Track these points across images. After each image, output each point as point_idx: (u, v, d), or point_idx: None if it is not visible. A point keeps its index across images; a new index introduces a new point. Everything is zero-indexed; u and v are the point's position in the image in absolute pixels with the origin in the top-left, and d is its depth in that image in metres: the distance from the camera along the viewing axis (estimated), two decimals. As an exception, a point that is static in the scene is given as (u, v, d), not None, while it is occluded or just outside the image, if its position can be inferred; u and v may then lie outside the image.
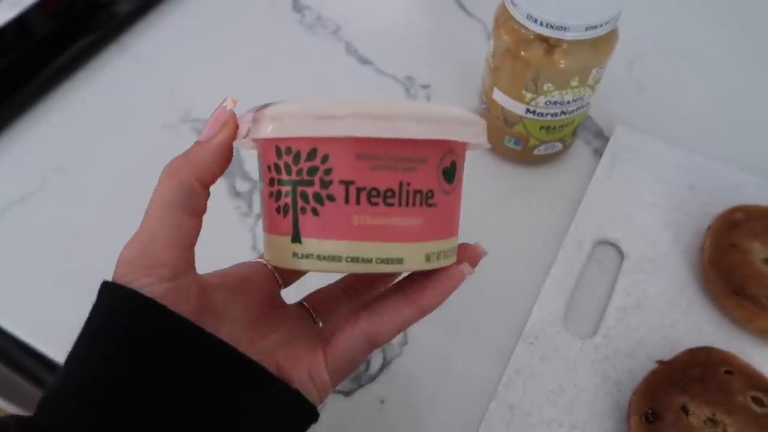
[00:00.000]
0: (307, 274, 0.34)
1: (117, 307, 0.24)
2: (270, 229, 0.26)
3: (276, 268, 0.32)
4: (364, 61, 0.58)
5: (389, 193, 0.24)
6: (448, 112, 0.24)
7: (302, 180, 0.24)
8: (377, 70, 0.58)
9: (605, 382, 0.40)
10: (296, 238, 0.25)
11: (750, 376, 0.38)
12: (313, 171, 0.24)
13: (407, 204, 0.24)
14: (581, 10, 0.40)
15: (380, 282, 0.33)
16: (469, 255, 0.29)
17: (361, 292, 0.33)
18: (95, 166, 0.50)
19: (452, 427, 0.38)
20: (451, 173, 0.25)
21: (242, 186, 0.49)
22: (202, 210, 0.26)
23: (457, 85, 0.56)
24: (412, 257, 0.25)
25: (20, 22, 0.56)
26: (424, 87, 0.56)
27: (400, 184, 0.24)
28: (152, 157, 0.51)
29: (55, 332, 0.42)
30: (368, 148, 0.23)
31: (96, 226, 0.47)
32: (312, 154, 0.23)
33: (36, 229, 0.47)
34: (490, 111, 0.48)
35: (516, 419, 0.38)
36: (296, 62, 0.58)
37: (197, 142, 0.26)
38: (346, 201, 0.23)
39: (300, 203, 0.24)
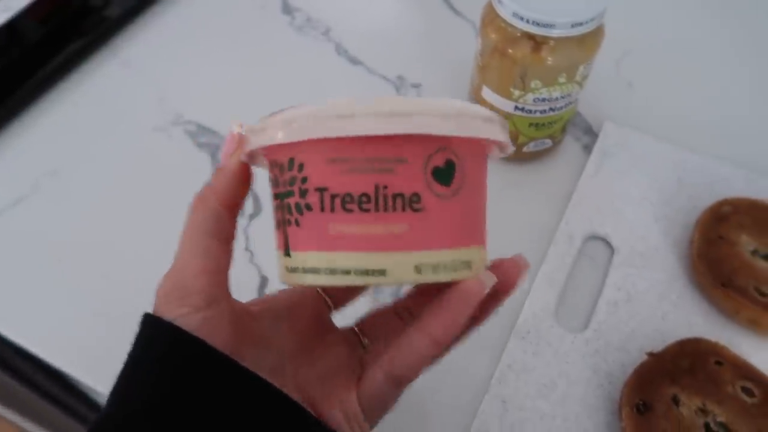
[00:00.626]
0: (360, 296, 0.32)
1: (153, 340, 0.24)
2: (276, 245, 0.25)
3: (324, 290, 0.31)
4: (355, 61, 0.59)
5: (364, 198, 0.22)
6: (432, 104, 0.22)
7: (286, 191, 0.23)
8: (368, 70, 0.58)
9: (597, 375, 0.40)
10: (287, 252, 0.24)
11: (739, 367, 0.38)
12: (293, 181, 0.23)
13: (385, 209, 0.22)
14: (567, 7, 0.40)
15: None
16: (505, 271, 0.26)
17: (416, 313, 0.30)
18: (87, 169, 0.50)
19: (446, 422, 0.39)
20: (445, 174, 0.22)
21: (234, 187, 0.49)
22: (231, 236, 0.26)
23: (447, 84, 0.57)
24: (396, 269, 0.22)
25: (10, 27, 0.56)
26: (415, 86, 0.57)
27: (376, 188, 0.22)
28: (144, 159, 0.51)
29: (48, 335, 0.42)
30: (338, 151, 0.22)
31: (89, 229, 0.47)
32: (291, 164, 0.23)
33: (29, 233, 0.47)
34: (479, 109, 0.49)
35: (509, 413, 0.39)
36: (287, 64, 0.58)
37: (216, 170, 0.26)
38: (322, 209, 0.22)
39: (286, 216, 0.23)
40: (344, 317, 0.32)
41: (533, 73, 0.43)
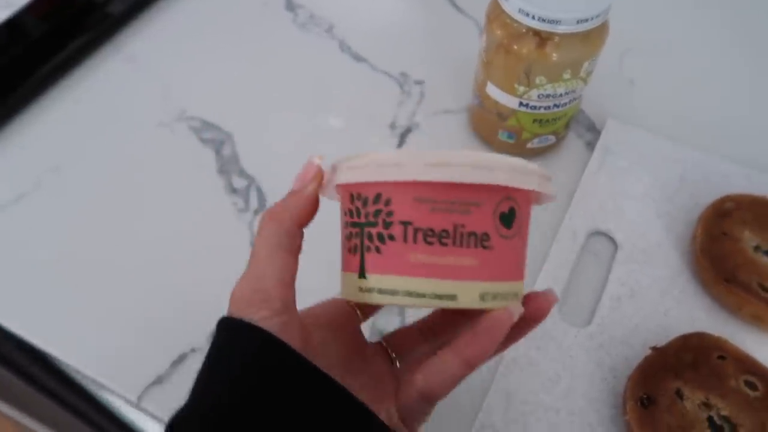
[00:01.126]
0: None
1: (237, 340, 0.26)
2: (345, 267, 0.29)
3: (357, 304, 0.33)
4: (359, 58, 0.59)
5: (444, 234, 0.25)
6: (503, 161, 0.25)
7: (368, 222, 0.27)
8: (372, 67, 0.58)
9: (600, 369, 0.40)
10: (362, 274, 0.27)
11: (742, 361, 0.38)
12: (377, 213, 0.26)
13: (461, 245, 0.26)
14: (572, 3, 0.40)
15: (456, 324, 0.33)
16: (538, 304, 0.29)
17: (439, 333, 0.33)
18: (90, 165, 0.50)
19: (451, 415, 0.39)
20: (508, 219, 0.27)
21: (239, 183, 0.50)
22: (299, 249, 0.29)
23: (450, 80, 0.57)
24: (465, 295, 0.26)
25: (11, 24, 0.56)
26: (418, 83, 0.57)
27: (455, 226, 0.25)
28: (147, 155, 0.52)
29: (49, 328, 0.42)
30: (425, 192, 0.25)
31: (92, 225, 0.47)
32: (377, 199, 0.26)
33: (32, 229, 0.47)
34: (483, 105, 0.49)
35: (513, 407, 0.39)
36: (290, 61, 0.58)
37: (291, 192, 0.29)
38: (404, 240, 0.26)
39: (366, 242, 0.27)
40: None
41: (538, 69, 0.43)
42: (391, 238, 0.26)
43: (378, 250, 0.26)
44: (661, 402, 0.37)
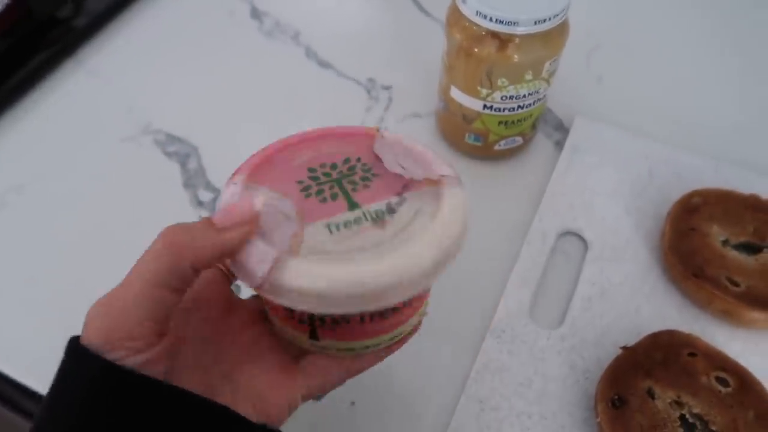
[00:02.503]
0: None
1: (92, 377, 0.23)
2: (284, 321, 0.30)
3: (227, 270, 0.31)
4: (325, 65, 0.58)
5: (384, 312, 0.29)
6: (415, 269, 0.26)
7: (312, 316, 0.28)
8: (338, 73, 0.58)
9: (573, 372, 0.40)
10: (313, 337, 0.29)
11: (713, 357, 0.38)
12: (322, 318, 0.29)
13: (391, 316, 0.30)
14: (530, 4, 0.40)
15: None
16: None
17: None
18: (54, 183, 0.50)
19: (423, 424, 0.39)
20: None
21: (205, 196, 0.49)
22: (189, 287, 0.25)
23: (418, 84, 0.56)
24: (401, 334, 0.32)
25: (-29, 40, 0.55)
26: (386, 88, 0.57)
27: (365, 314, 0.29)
28: (113, 170, 0.51)
29: (17, 353, 0.41)
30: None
31: (58, 243, 0.46)
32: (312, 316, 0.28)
33: (-5, 250, 0.46)
34: (449, 109, 0.49)
35: (485, 413, 0.38)
36: (257, 69, 0.58)
37: (208, 221, 0.24)
38: (356, 321, 0.29)
39: (317, 322, 0.29)
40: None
41: (499, 71, 0.43)
42: (346, 320, 0.28)
43: (332, 327, 0.29)
44: (633, 402, 0.37)
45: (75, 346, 0.24)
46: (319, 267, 0.25)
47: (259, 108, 0.55)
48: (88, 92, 0.56)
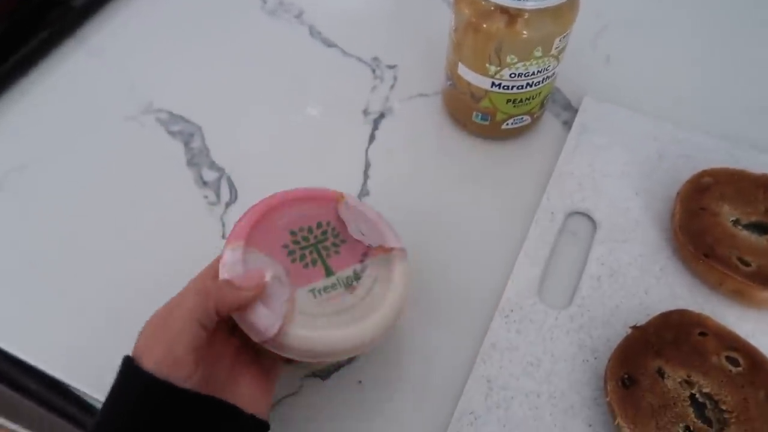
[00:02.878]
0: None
1: (158, 402, 0.30)
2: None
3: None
4: (329, 44, 0.58)
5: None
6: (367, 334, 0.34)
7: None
8: (343, 52, 0.57)
9: (582, 351, 0.40)
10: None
11: (724, 337, 0.38)
12: None
13: None
14: (540, -22, 0.39)
15: None
16: None
17: None
18: (57, 162, 0.49)
19: (430, 404, 0.38)
20: None
21: (209, 175, 0.48)
22: (212, 327, 0.32)
23: (424, 63, 0.56)
24: None
25: (-29, 19, 0.55)
26: (391, 67, 0.56)
27: None
28: (115, 150, 0.50)
29: (23, 333, 0.41)
30: None
31: (61, 223, 0.46)
32: None
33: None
34: (456, 87, 0.48)
35: (494, 392, 0.38)
36: (260, 48, 0.57)
37: (229, 283, 0.32)
38: None
39: None
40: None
41: (509, 48, 0.42)
42: None
43: None
44: (643, 381, 0.36)
45: (131, 366, 0.30)
46: (314, 333, 0.33)
47: (263, 87, 0.54)
48: (89, 71, 0.55)
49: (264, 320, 0.32)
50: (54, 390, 0.56)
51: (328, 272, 0.35)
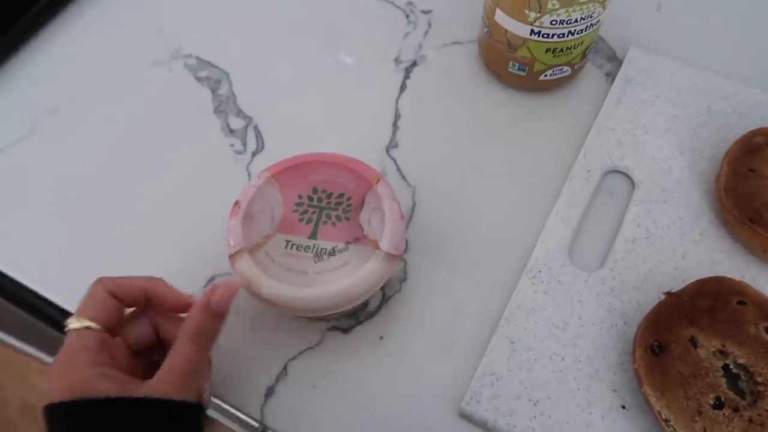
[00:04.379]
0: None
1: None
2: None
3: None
4: (362, -13, 0.55)
5: None
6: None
7: None
8: (376, -4, 0.54)
9: (611, 315, 0.39)
10: None
11: (764, 306, 0.36)
12: None
13: None
14: None
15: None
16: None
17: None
18: (86, 106, 0.49)
19: (452, 363, 0.38)
20: None
21: (236, 123, 0.48)
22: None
23: (460, 9, 0.53)
24: None
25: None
26: (426, 13, 0.53)
27: None
28: (143, 96, 0.50)
29: (52, 274, 0.42)
30: None
31: (90, 167, 0.46)
32: None
33: (31, 172, 0.46)
34: (492, 35, 0.45)
35: (517, 353, 0.37)
36: (290, -8, 0.55)
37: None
38: None
39: None
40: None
41: (550, -8, 0.39)
42: None
43: None
44: (674, 349, 0.35)
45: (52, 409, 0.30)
46: (256, 273, 0.34)
47: (293, 33, 0.52)
48: (120, 12, 0.54)
49: (232, 239, 0.36)
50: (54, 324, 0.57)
51: (312, 235, 0.36)
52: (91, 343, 0.31)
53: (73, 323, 0.32)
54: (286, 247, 0.36)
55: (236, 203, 0.37)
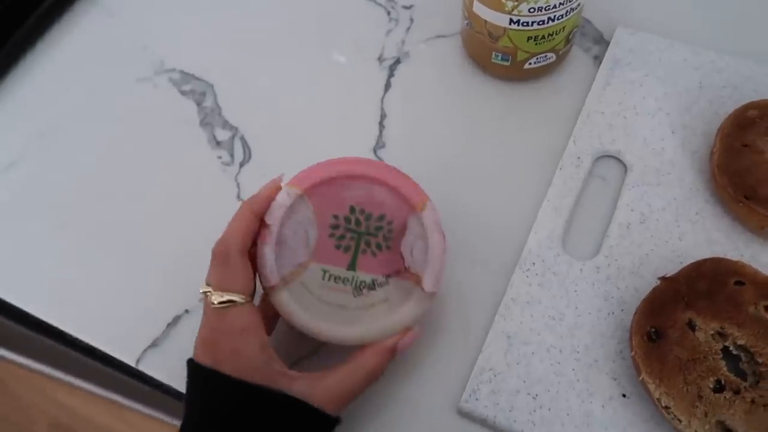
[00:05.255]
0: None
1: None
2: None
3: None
4: (343, -14, 0.55)
5: None
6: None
7: None
8: (356, -6, 0.54)
9: (608, 303, 0.38)
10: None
11: (762, 285, 0.35)
12: None
13: None
14: None
15: None
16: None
17: None
18: (74, 127, 0.49)
19: (449, 360, 0.38)
20: None
21: (222, 135, 0.48)
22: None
23: (441, 2, 0.52)
24: None
25: (-17, -14, 0.54)
26: (407, 8, 0.53)
27: None
28: (129, 112, 0.50)
29: (47, 297, 0.42)
30: None
31: (80, 188, 0.46)
32: None
33: (23, 196, 0.46)
34: (473, 27, 0.45)
35: (514, 348, 0.37)
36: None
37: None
38: None
39: None
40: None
41: (525, -20, 0.38)
42: None
43: None
44: (671, 334, 0.34)
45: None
46: (295, 307, 0.34)
47: (273, 40, 0.52)
48: (103, 31, 0.54)
49: (269, 270, 0.33)
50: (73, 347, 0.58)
51: (351, 266, 0.34)
52: (251, 322, 0.32)
53: (232, 297, 0.32)
54: (323, 278, 0.34)
55: (265, 225, 0.34)
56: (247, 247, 0.33)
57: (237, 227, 0.33)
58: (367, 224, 0.34)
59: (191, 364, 0.33)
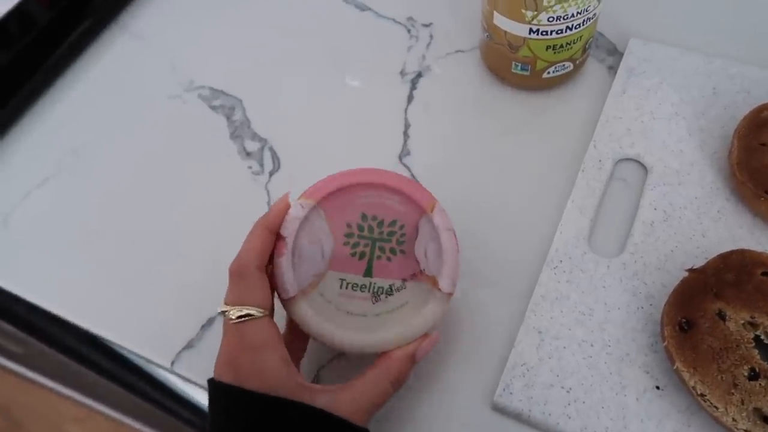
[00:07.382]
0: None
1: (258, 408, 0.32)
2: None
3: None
4: (363, 7, 0.57)
5: None
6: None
7: None
8: (377, 14, 0.56)
9: (636, 298, 0.39)
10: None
11: (789, 275, 0.36)
12: None
13: None
14: None
15: None
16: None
17: None
18: (107, 144, 0.51)
19: (480, 356, 0.38)
20: None
21: (252, 146, 0.49)
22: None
23: (459, 18, 0.54)
24: None
25: (19, 13, 0.57)
26: (426, 26, 0.55)
27: None
28: (161, 129, 0.52)
29: (84, 305, 0.43)
30: None
31: (115, 201, 0.48)
32: None
33: (58, 211, 0.48)
34: (492, 38, 0.47)
35: (545, 343, 0.38)
36: (296, 17, 0.57)
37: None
38: None
39: None
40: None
41: (544, -10, 0.40)
42: None
43: None
44: (702, 325, 0.35)
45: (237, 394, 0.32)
46: (315, 318, 0.34)
47: (299, 56, 0.54)
48: (133, 55, 0.57)
49: (287, 282, 0.33)
50: (101, 351, 0.58)
51: (368, 273, 0.34)
52: (271, 336, 0.32)
53: (251, 311, 0.32)
54: (341, 287, 0.34)
55: (281, 238, 0.34)
56: (264, 263, 0.33)
57: (252, 244, 0.33)
58: (380, 230, 0.35)
59: (212, 383, 0.32)
